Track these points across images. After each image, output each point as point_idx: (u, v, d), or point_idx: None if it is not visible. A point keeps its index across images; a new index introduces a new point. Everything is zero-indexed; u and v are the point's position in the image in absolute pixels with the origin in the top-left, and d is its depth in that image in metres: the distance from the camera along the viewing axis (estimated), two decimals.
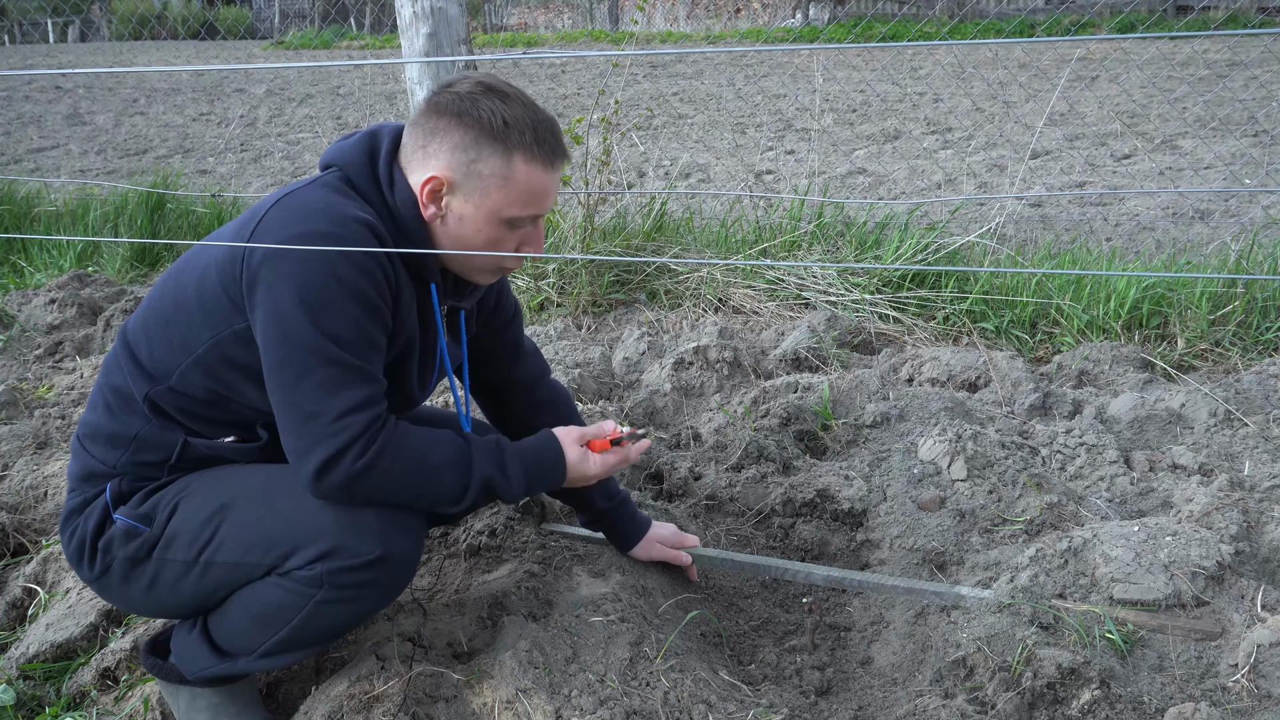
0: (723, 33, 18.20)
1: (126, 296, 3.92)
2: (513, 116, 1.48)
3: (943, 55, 12.49)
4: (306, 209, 1.45)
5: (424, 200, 1.51)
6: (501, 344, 1.90)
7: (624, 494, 1.99)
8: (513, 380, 1.93)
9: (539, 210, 1.54)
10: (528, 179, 1.50)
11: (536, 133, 1.48)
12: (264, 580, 1.49)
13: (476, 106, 1.47)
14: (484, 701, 1.59)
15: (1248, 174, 5.61)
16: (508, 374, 1.92)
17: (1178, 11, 15.79)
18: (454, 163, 1.49)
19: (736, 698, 1.65)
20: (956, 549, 2.06)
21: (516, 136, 1.47)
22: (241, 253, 1.43)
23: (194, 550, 1.50)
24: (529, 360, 1.94)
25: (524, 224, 1.55)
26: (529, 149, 1.48)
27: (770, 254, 3.89)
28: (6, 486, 2.47)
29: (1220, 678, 1.62)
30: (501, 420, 1.98)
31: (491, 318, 1.86)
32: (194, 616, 1.60)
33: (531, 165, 1.49)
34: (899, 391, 2.71)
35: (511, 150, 1.47)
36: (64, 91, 12.85)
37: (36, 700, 1.81)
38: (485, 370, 1.92)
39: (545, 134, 1.50)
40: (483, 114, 1.47)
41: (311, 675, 1.83)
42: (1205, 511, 1.97)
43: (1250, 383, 2.68)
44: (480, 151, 1.48)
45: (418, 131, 1.52)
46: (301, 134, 8.89)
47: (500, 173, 1.48)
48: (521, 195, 1.50)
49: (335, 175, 1.54)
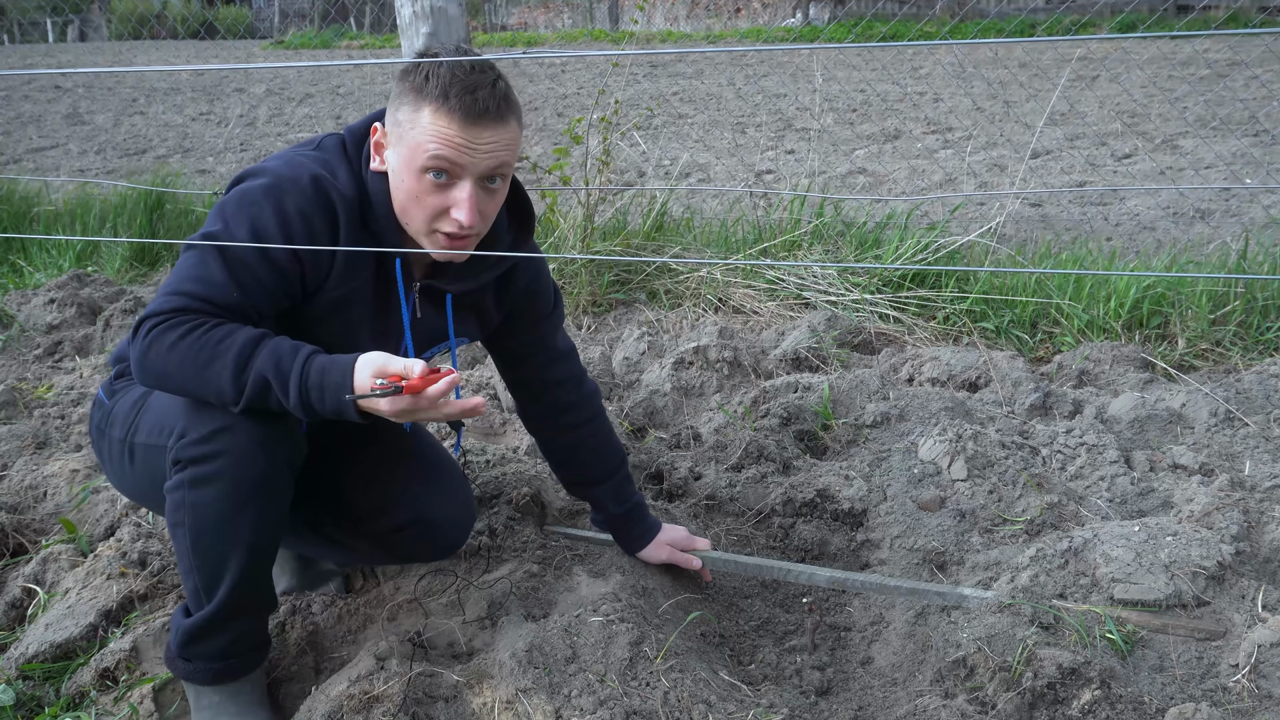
0: (723, 32, 18.20)
1: (126, 296, 3.91)
2: (441, 73, 1.52)
3: (943, 55, 12.48)
4: (278, 156, 1.61)
5: (374, 156, 1.62)
6: (525, 342, 1.90)
7: (638, 498, 2.00)
8: (543, 379, 1.93)
9: (451, 164, 1.52)
10: (433, 124, 1.51)
11: (458, 87, 1.51)
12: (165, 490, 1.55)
13: (419, 68, 1.55)
14: (484, 701, 1.59)
15: (1248, 173, 5.61)
16: (539, 372, 1.92)
17: (1178, 11, 15.79)
18: (389, 118, 1.59)
19: (736, 698, 1.65)
20: (957, 549, 2.06)
21: (433, 87, 1.52)
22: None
23: (124, 430, 1.66)
24: (562, 362, 1.94)
25: (441, 178, 1.54)
26: (442, 99, 1.51)
27: (770, 254, 3.89)
28: (6, 486, 2.47)
29: (1221, 678, 1.62)
30: (527, 415, 2.00)
31: (518, 315, 1.87)
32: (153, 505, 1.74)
33: (439, 113, 1.51)
34: (899, 391, 2.71)
35: (424, 99, 1.52)
36: (63, 91, 12.85)
37: (36, 700, 1.81)
38: (512, 367, 1.93)
39: (468, 90, 1.51)
40: (419, 74, 1.54)
41: (311, 675, 1.83)
42: (1206, 511, 1.96)
43: (1251, 382, 2.68)
44: (402, 102, 1.55)
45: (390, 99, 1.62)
46: (301, 134, 8.89)
47: (410, 119, 1.54)
48: (428, 143, 1.51)
49: (336, 138, 1.66)
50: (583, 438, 1.97)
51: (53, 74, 2.61)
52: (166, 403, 1.59)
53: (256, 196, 1.53)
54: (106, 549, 2.12)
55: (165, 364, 1.47)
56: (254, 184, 1.55)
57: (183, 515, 1.54)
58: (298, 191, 1.54)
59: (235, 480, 1.51)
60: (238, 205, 1.54)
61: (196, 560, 1.56)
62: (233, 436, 1.50)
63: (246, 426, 1.50)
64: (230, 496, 1.52)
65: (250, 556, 1.57)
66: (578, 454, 1.99)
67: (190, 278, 1.51)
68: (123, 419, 1.67)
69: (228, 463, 1.50)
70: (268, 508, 1.55)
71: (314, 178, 1.56)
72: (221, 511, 1.52)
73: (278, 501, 1.57)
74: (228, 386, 1.46)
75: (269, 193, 1.53)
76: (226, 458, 1.50)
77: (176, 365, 1.47)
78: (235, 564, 1.56)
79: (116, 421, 1.68)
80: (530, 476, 2.32)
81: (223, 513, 1.52)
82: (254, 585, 1.61)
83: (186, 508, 1.53)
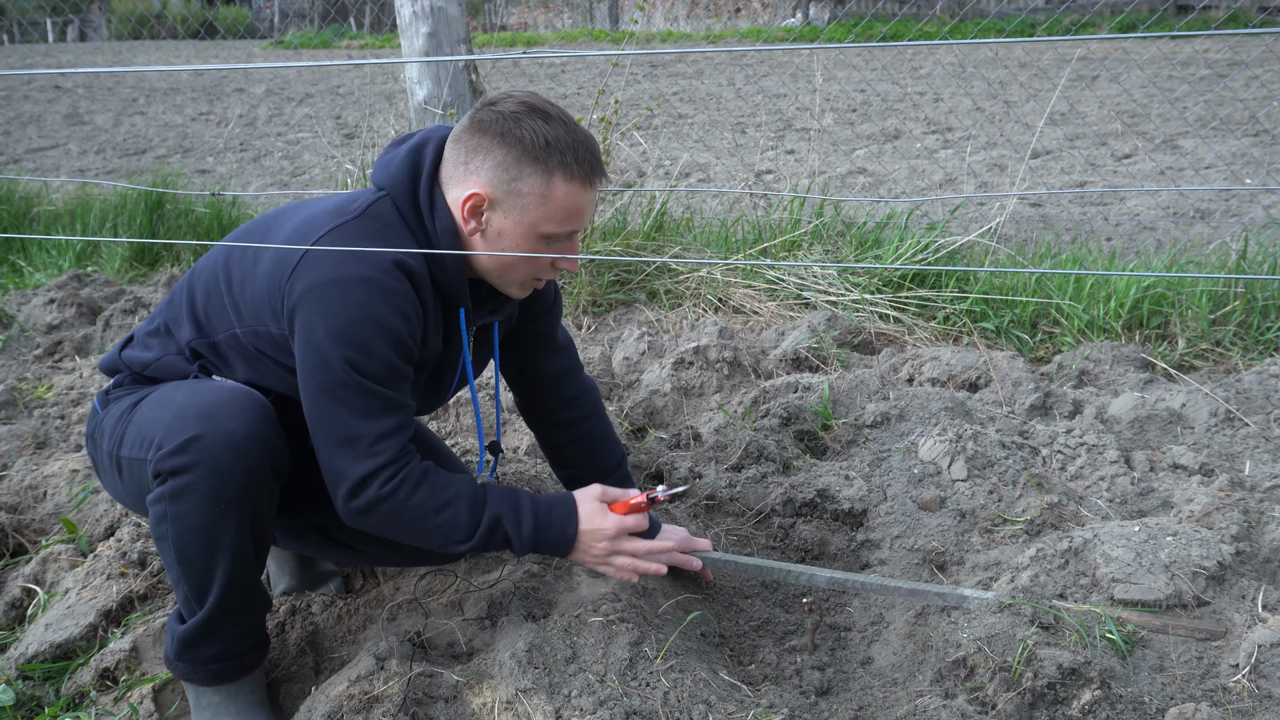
0: (723, 32, 18.19)
1: (126, 296, 3.91)
2: (554, 136, 1.53)
3: (943, 55, 12.48)
4: (354, 253, 1.52)
5: (464, 215, 1.57)
6: (531, 333, 1.92)
7: None
8: (541, 370, 1.95)
9: (576, 227, 1.60)
10: (566, 197, 1.55)
11: (577, 153, 1.53)
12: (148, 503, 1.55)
13: (519, 126, 1.52)
14: (484, 701, 1.59)
15: (1248, 173, 5.61)
16: (537, 363, 1.94)
17: (1178, 11, 15.78)
18: (495, 180, 1.54)
19: (736, 698, 1.65)
20: (957, 549, 2.06)
21: (557, 156, 1.52)
22: (286, 270, 1.53)
23: (111, 442, 1.65)
24: (561, 354, 1.97)
25: (560, 239, 1.61)
26: (569, 168, 1.53)
27: (770, 254, 3.89)
28: (6, 486, 2.47)
29: (1221, 678, 1.62)
30: (527, 409, 2.01)
31: (524, 312, 1.90)
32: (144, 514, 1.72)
33: (570, 184, 1.54)
34: (899, 391, 2.71)
35: (552, 170, 1.53)
36: (63, 91, 12.85)
37: (36, 700, 1.81)
38: (514, 354, 1.95)
39: (585, 153, 1.55)
40: (525, 133, 1.52)
41: (311, 675, 1.83)
42: (1206, 511, 1.96)
43: (1251, 382, 2.68)
44: (521, 170, 1.53)
45: (460, 148, 1.57)
46: (301, 133, 8.89)
47: (540, 191, 1.54)
48: (559, 212, 1.56)
49: (384, 203, 1.60)
50: (583, 434, 1.98)
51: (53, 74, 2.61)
52: (148, 414, 1.59)
53: (359, 315, 1.48)
54: (106, 549, 2.12)
55: (396, 521, 1.55)
56: (346, 297, 1.48)
57: (166, 528, 1.53)
58: (392, 293, 1.51)
59: (213, 490, 1.50)
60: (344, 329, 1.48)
61: (183, 570, 1.56)
62: (208, 445, 1.49)
63: (221, 433, 1.49)
64: (209, 507, 1.51)
65: (236, 562, 1.57)
66: (577, 450, 1.99)
67: (362, 418, 1.51)
68: (110, 431, 1.66)
69: (204, 472, 1.49)
70: (250, 513, 1.55)
71: (396, 268, 1.51)
72: (203, 522, 1.52)
73: (261, 505, 1.57)
74: (463, 527, 1.58)
75: (369, 308, 1.49)
76: (203, 467, 1.49)
77: (405, 521, 1.55)
78: (222, 570, 1.56)
79: (105, 433, 1.68)
80: (530, 477, 2.32)
81: (204, 523, 1.52)
82: (244, 588, 1.60)
83: (169, 520, 1.52)
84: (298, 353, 1.53)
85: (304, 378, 1.53)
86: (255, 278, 1.59)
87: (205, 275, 1.68)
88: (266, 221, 1.68)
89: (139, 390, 1.69)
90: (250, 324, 1.60)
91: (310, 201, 1.67)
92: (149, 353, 1.72)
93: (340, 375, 1.49)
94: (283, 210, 1.70)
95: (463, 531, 1.58)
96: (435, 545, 1.61)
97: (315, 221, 1.57)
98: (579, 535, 1.66)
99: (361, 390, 1.50)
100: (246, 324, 1.61)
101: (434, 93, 3.94)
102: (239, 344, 1.63)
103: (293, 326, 1.53)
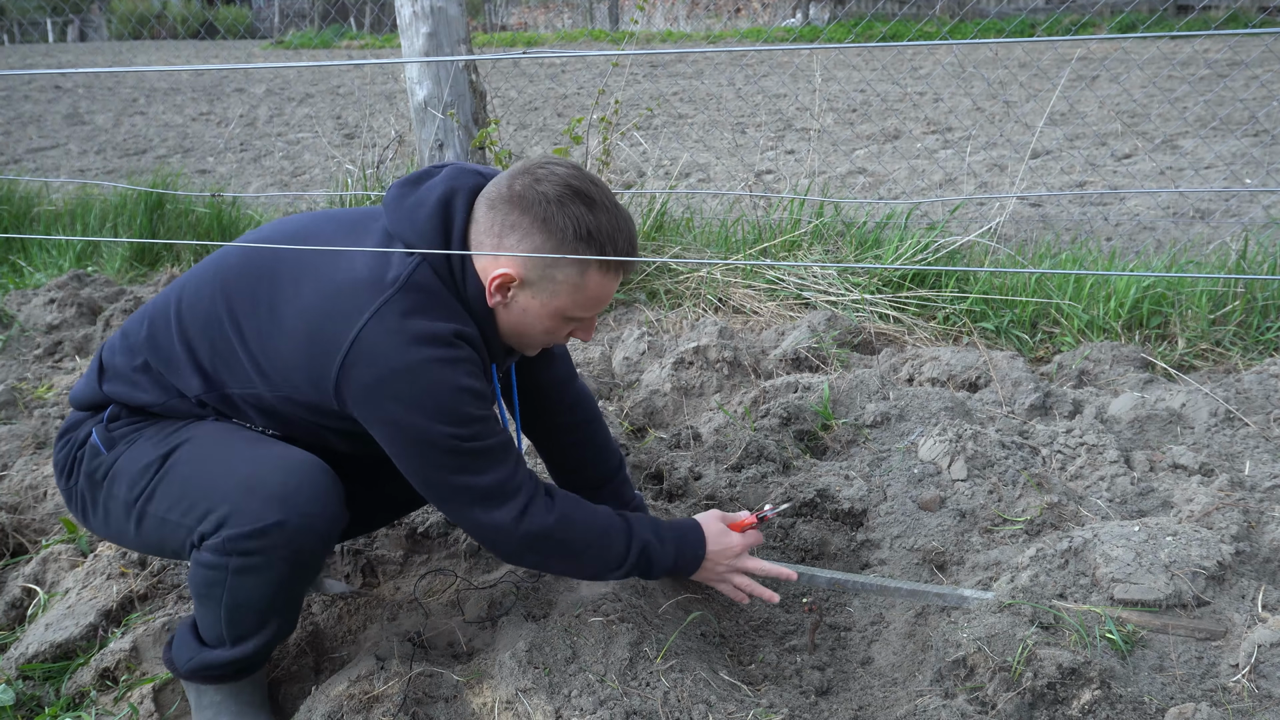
0: (723, 32, 18.19)
1: (126, 296, 3.92)
2: (596, 227, 1.50)
3: (943, 55, 12.48)
4: (413, 331, 1.46)
5: (491, 289, 1.54)
6: None
7: (638, 500, 2.02)
8: (540, 381, 1.95)
9: (599, 310, 1.62)
10: (599, 288, 1.56)
11: (616, 243, 1.52)
12: (194, 561, 1.52)
13: (563, 213, 1.48)
14: (484, 701, 1.59)
15: (1248, 173, 5.61)
16: (536, 375, 1.94)
17: (1178, 11, 15.79)
18: (530, 264, 1.52)
19: (736, 698, 1.65)
20: (956, 549, 2.06)
21: (596, 249, 1.51)
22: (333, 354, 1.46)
23: (133, 494, 1.55)
24: (557, 363, 1.98)
25: (582, 320, 1.63)
26: (606, 263, 1.53)
27: (770, 254, 3.89)
28: (6, 486, 2.47)
29: (1221, 678, 1.62)
30: (526, 417, 2.00)
31: None
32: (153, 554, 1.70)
33: (605, 277, 1.55)
34: (899, 391, 2.71)
35: (589, 263, 1.52)
36: (63, 91, 12.85)
37: (36, 700, 1.81)
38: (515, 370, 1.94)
39: (624, 244, 1.54)
40: (567, 223, 1.48)
41: (311, 675, 1.83)
42: (1206, 511, 1.96)
43: (1250, 382, 2.68)
44: (559, 260, 1.51)
45: (496, 218, 1.51)
46: (301, 134, 8.89)
47: (574, 281, 1.53)
48: (589, 301, 1.57)
49: (424, 272, 1.52)
50: (581, 439, 1.98)
51: (53, 74, 2.61)
52: (192, 473, 1.53)
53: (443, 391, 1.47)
54: (106, 549, 2.12)
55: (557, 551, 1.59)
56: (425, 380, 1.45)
57: (219, 591, 1.50)
58: (463, 361, 1.50)
59: (288, 569, 1.50)
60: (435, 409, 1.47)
61: (228, 625, 1.55)
62: (290, 534, 1.46)
63: (304, 519, 1.47)
64: (278, 581, 1.51)
65: (288, 620, 1.61)
66: (576, 456, 1.99)
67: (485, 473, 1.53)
68: (131, 480, 1.56)
69: (283, 555, 1.48)
70: (311, 576, 1.57)
71: (459, 340, 1.50)
72: (266, 594, 1.52)
73: (319, 566, 1.59)
74: (615, 558, 1.64)
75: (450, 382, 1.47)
76: (282, 552, 1.47)
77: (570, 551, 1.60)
78: (272, 629, 1.59)
79: (120, 479, 1.57)
80: None
81: (267, 595, 1.52)
82: (284, 636, 1.64)
83: (224, 587, 1.50)
84: (384, 437, 1.50)
85: (408, 461, 1.51)
86: (279, 340, 1.51)
87: (204, 321, 1.57)
88: (272, 264, 1.56)
89: (154, 430, 1.60)
90: (281, 389, 1.53)
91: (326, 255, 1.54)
92: (143, 394, 1.61)
93: (449, 449, 1.49)
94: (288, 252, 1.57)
95: (616, 559, 1.64)
96: (588, 575, 1.67)
97: (348, 296, 1.48)
98: (707, 555, 1.75)
99: (473, 453, 1.51)
100: (276, 388, 1.54)
101: (434, 93, 3.94)
102: (263, 402, 1.57)
103: (367, 414, 1.49)
